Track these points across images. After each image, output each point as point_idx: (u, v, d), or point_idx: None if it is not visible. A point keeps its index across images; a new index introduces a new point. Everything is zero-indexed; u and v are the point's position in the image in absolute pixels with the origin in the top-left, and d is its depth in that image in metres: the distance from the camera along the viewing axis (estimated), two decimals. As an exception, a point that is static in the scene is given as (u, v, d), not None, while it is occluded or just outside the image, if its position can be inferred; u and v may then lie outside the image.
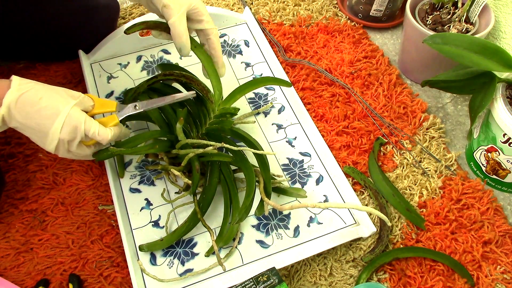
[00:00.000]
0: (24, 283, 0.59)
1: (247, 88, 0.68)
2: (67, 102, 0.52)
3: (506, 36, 0.75)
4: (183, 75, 0.64)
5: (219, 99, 0.65)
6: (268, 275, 0.52)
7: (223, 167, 0.62)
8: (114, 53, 0.81)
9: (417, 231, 0.63)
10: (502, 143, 0.61)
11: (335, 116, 0.75)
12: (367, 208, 0.53)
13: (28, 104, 0.50)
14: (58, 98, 0.52)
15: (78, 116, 0.52)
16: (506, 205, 0.67)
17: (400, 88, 0.79)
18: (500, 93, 0.60)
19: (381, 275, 0.60)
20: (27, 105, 0.50)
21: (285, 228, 0.62)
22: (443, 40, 0.62)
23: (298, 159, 0.69)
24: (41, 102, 0.51)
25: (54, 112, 0.51)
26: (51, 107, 0.51)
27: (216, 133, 0.63)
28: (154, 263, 0.59)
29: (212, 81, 0.65)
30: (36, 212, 0.65)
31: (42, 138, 0.52)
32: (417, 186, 0.68)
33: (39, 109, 0.51)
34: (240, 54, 0.82)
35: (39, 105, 0.51)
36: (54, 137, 0.52)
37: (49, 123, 0.51)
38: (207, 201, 0.60)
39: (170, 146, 0.62)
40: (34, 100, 0.51)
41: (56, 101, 0.52)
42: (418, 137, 0.73)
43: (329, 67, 0.81)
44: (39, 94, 0.51)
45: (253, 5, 0.92)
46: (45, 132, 0.51)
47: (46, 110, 0.51)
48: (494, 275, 0.60)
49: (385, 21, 0.89)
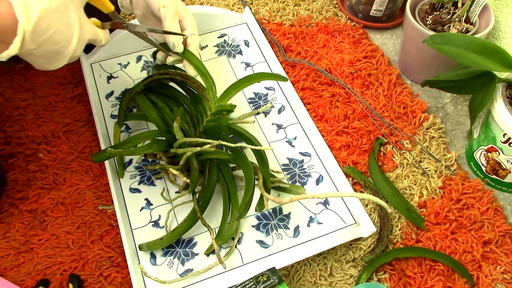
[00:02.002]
0: (24, 283, 0.59)
1: (242, 84, 0.68)
2: (73, 20, 0.48)
3: (506, 36, 0.75)
4: (179, 73, 0.64)
5: (214, 97, 0.65)
6: (268, 275, 0.52)
7: (222, 164, 0.62)
8: (114, 53, 0.81)
9: (417, 231, 0.63)
10: (502, 143, 0.61)
11: (335, 116, 0.75)
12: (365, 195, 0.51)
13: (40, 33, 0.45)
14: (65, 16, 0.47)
15: (89, 30, 0.51)
16: (506, 205, 0.67)
17: (400, 88, 0.79)
18: (500, 93, 0.60)
19: (381, 275, 0.60)
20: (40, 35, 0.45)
21: (285, 228, 0.62)
22: (443, 40, 0.62)
23: (298, 159, 0.69)
24: (51, 28, 0.46)
25: (67, 37, 0.48)
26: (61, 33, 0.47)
27: (214, 131, 0.63)
28: (154, 263, 0.59)
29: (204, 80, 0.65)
30: (36, 212, 0.65)
31: (53, 60, 0.49)
32: (417, 186, 0.68)
33: (50, 36, 0.46)
34: (240, 54, 0.82)
35: (49, 32, 0.46)
36: (67, 56, 0.49)
37: (63, 47, 0.48)
38: (206, 200, 0.60)
39: (168, 145, 0.62)
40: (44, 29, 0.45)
41: (65, 21, 0.47)
42: (418, 137, 0.73)
43: (329, 67, 0.81)
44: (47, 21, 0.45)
45: (253, 5, 0.92)
46: (60, 54, 0.49)
47: (57, 35, 0.46)
48: (494, 275, 0.60)
49: (385, 21, 0.89)
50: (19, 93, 0.77)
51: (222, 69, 0.80)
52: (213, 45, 0.83)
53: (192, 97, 0.66)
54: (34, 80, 0.79)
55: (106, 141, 0.69)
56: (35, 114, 0.75)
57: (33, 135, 0.72)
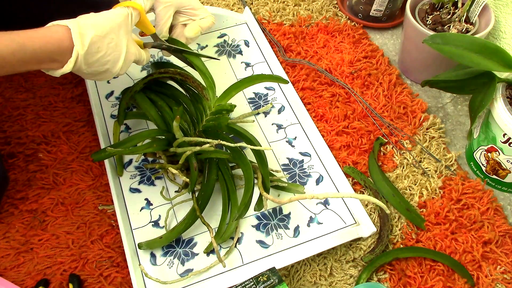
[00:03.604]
0: (24, 283, 0.59)
1: (243, 85, 0.68)
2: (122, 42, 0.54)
3: (506, 36, 0.75)
4: (178, 72, 0.64)
5: (214, 96, 0.65)
6: (268, 275, 0.52)
7: (221, 164, 0.62)
8: (114, 53, 0.81)
9: (417, 231, 0.63)
10: (502, 143, 0.61)
11: (335, 116, 0.75)
12: (365, 196, 0.52)
13: (91, 55, 0.51)
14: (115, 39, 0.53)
15: (134, 52, 0.56)
16: (506, 205, 0.67)
17: (400, 88, 0.79)
18: (500, 93, 0.60)
19: (381, 275, 0.60)
20: (91, 57, 0.51)
21: (285, 228, 0.62)
22: (443, 40, 0.62)
23: (298, 159, 0.69)
24: (101, 51, 0.51)
25: (115, 58, 0.53)
26: (110, 55, 0.52)
27: (213, 130, 0.63)
28: (154, 263, 0.59)
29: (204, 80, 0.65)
30: (36, 212, 0.65)
31: (99, 77, 0.54)
32: (417, 186, 0.68)
33: (100, 58, 0.51)
34: (240, 54, 0.82)
35: (99, 55, 0.51)
36: (113, 74, 0.55)
37: (110, 67, 0.53)
38: (205, 198, 0.60)
39: (168, 144, 0.62)
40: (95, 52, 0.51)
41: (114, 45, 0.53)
42: (418, 137, 0.73)
43: (329, 67, 0.81)
44: (97, 45, 0.51)
45: (253, 5, 0.92)
46: (107, 73, 0.54)
47: (106, 57, 0.52)
48: (494, 275, 0.60)
49: (385, 21, 0.89)
50: (19, 93, 0.77)
51: (222, 69, 0.80)
52: (213, 45, 0.83)
53: (192, 96, 0.66)
54: (34, 80, 0.79)
55: (106, 141, 0.69)
56: (35, 114, 0.75)
57: (33, 135, 0.72)
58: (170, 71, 0.64)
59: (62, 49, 0.48)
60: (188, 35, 0.65)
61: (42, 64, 0.49)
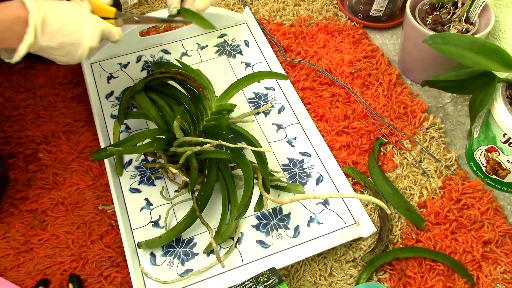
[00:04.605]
0: (24, 283, 0.59)
1: (243, 83, 0.68)
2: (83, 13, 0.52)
3: (506, 36, 0.75)
4: (179, 72, 0.64)
5: (214, 96, 0.65)
6: (268, 275, 0.52)
7: (221, 164, 0.62)
8: (114, 53, 0.81)
9: (417, 231, 0.63)
10: (502, 143, 0.61)
11: (335, 116, 0.75)
12: (365, 196, 0.52)
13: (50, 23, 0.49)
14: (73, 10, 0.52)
15: (100, 21, 0.54)
16: (506, 205, 0.67)
17: (400, 88, 0.79)
18: (500, 93, 0.60)
19: (381, 275, 0.60)
20: (51, 25, 0.49)
21: (285, 228, 0.62)
22: (443, 40, 0.62)
23: (298, 159, 0.69)
24: (60, 19, 0.50)
25: (79, 26, 0.51)
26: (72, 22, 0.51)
27: (214, 130, 0.63)
28: (154, 263, 0.59)
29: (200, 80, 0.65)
30: (36, 212, 0.65)
31: (72, 52, 0.53)
32: (417, 186, 0.68)
33: (62, 26, 0.50)
34: (240, 54, 0.82)
35: (60, 23, 0.50)
36: (86, 48, 0.52)
37: (77, 37, 0.51)
38: (205, 198, 0.60)
39: (168, 144, 0.62)
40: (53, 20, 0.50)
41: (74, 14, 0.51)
42: (418, 137, 0.73)
43: (329, 67, 0.81)
44: (55, 12, 0.50)
45: (253, 5, 0.92)
46: (77, 45, 0.52)
47: (68, 26, 0.50)
48: (494, 275, 0.60)
49: (385, 21, 0.89)
50: (19, 93, 0.77)
51: (222, 69, 0.80)
52: (213, 45, 0.83)
53: (192, 96, 0.66)
54: (34, 80, 0.79)
55: (106, 141, 0.69)
56: (35, 114, 0.75)
57: (33, 135, 0.72)
58: (171, 71, 0.65)
59: (20, 20, 0.47)
60: (198, 7, 0.64)
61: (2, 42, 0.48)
